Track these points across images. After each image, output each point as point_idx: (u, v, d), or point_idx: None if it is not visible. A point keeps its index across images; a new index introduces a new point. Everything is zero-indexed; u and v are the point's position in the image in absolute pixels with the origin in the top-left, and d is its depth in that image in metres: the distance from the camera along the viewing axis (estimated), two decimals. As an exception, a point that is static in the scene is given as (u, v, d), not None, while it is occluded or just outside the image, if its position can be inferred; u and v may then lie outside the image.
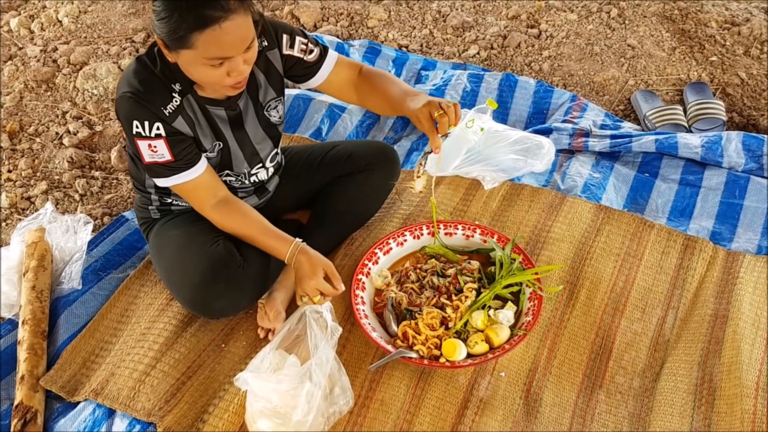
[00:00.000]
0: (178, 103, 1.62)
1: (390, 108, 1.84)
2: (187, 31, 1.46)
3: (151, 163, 1.65)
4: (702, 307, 1.83)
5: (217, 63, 1.51)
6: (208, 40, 1.47)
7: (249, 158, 1.81)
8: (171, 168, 1.66)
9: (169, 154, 1.63)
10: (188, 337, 1.82)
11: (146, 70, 1.61)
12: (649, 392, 1.68)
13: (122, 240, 2.13)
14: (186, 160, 1.67)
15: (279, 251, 1.72)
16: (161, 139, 1.61)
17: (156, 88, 1.60)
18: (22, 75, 2.87)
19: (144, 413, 1.65)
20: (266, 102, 1.78)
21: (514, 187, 2.17)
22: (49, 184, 2.41)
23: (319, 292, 1.66)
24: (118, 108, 1.62)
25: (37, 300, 1.89)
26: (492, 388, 1.68)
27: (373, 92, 1.85)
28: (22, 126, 2.66)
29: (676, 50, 2.84)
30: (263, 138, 1.81)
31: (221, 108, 1.70)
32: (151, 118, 1.59)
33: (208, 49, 1.48)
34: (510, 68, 2.83)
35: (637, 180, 2.21)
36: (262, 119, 1.79)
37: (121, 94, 1.60)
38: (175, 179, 1.69)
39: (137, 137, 1.61)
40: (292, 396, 1.53)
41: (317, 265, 1.67)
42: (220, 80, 1.55)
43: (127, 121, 1.61)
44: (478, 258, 1.93)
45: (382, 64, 2.78)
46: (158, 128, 1.60)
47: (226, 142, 1.75)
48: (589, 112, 2.47)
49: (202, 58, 1.49)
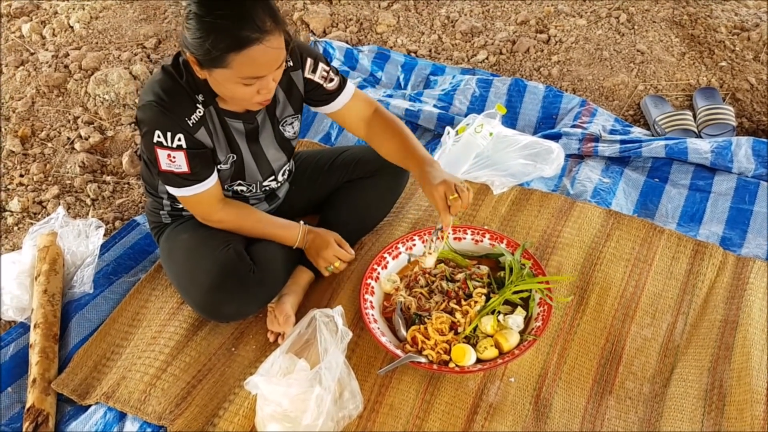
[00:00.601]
0: (201, 114, 1.64)
1: (399, 158, 1.85)
2: (223, 52, 1.47)
3: (166, 171, 1.67)
4: (712, 312, 1.82)
5: (250, 82, 1.53)
6: (244, 61, 1.48)
7: (262, 170, 1.83)
8: (186, 179, 1.68)
9: (186, 166, 1.65)
10: (198, 340, 1.83)
11: (172, 80, 1.62)
12: (659, 398, 1.68)
13: (133, 244, 2.14)
14: (201, 173, 1.69)
15: (288, 237, 1.87)
16: (182, 151, 1.63)
17: (181, 98, 1.62)
18: (33, 80, 2.89)
19: (155, 416, 1.66)
20: (283, 117, 1.80)
21: (524, 192, 2.17)
22: (61, 189, 2.43)
23: (338, 259, 1.87)
24: (142, 116, 1.63)
25: (49, 304, 1.91)
26: (501, 394, 1.68)
27: (386, 136, 1.86)
28: (34, 131, 2.68)
29: (685, 55, 2.84)
30: (277, 151, 1.83)
31: (240, 121, 1.72)
32: (174, 129, 1.61)
33: (243, 69, 1.50)
34: (519, 73, 2.83)
35: (647, 185, 2.21)
36: (277, 133, 1.81)
37: (146, 102, 1.61)
38: (187, 190, 1.71)
39: (157, 146, 1.63)
40: (302, 400, 1.54)
41: (328, 235, 1.89)
42: (250, 98, 1.58)
43: (149, 130, 1.62)
44: (487, 263, 1.93)
45: (391, 70, 2.79)
46: (180, 140, 1.62)
47: (240, 155, 1.77)
48: (599, 117, 2.47)
49: (236, 77, 1.51)
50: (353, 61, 2.83)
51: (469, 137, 2.24)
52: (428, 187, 1.72)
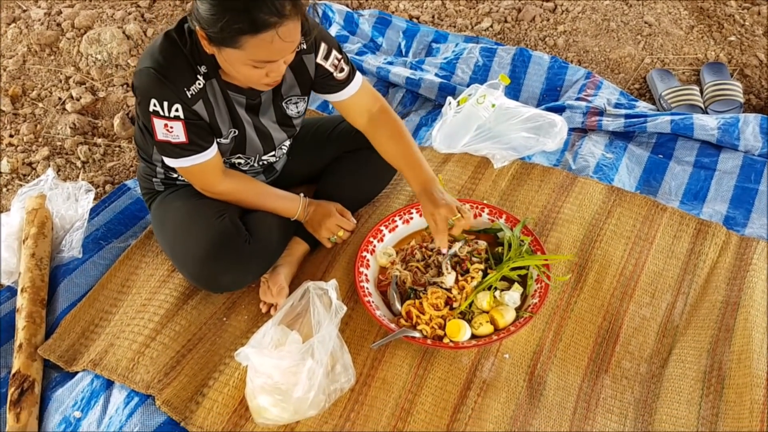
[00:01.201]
0: (201, 87, 1.57)
1: (399, 164, 1.80)
2: (237, 33, 1.40)
3: (163, 141, 1.60)
4: (713, 293, 1.79)
5: (261, 65, 1.46)
6: (259, 45, 1.42)
7: (263, 145, 1.77)
8: (184, 149, 1.62)
9: (184, 137, 1.59)
10: (189, 309, 1.80)
11: (174, 48, 1.54)
12: (656, 378, 1.65)
13: (124, 209, 2.09)
14: (199, 144, 1.63)
15: (289, 209, 1.84)
16: (179, 122, 1.56)
17: (181, 68, 1.54)
18: (25, 38, 2.81)
19: (143, 385, 1.63)
20: (288, 96, 1.74)
21: (525, 166, 2.12)
22: (51, 150, 2.37)
23: (341, 228, 1.86)
24: (139, 81, 1.56)
25: (37, 268, 1.87)
26: (495, 370, 1.65)
27: (389, 138, 1.80)
28: (25, 90, 2.61)
29: (694, 29, 2.77)
30: (278, 127, 1.78)
31: (243, 95, 1.66)
32: (171, 99, 1.54)
33: (256, 52, 1.43)
34: (524, 43, 2.76)
35: (650, 161, 2.16)
36: (279, 110, 1.75)
37: (144, 68, 1.53)
38: (185, 161, 1.65)
39: (154, 115, 1.56)
40: (294, 373, 1.51)
41: (329, 205, 1.88)
42: (258, 80, 1.52)
43: (145, 97, 1.55)
44: (485, 238, 1.89)
45: (392, 36, 2.72)
46: (177, 110, 1.55)
47: (242, 129, 1.71)
48: (604, 90, 2.41)
49: (247, 59, 1.45)
50: (353, 25, 2.75)
51: (471, 108, 2.19)
52: (429, 207, 1.69)
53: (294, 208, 1.84)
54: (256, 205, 1.82)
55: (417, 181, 1.74)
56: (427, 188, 1.71)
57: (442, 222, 1.68)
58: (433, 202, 1.69)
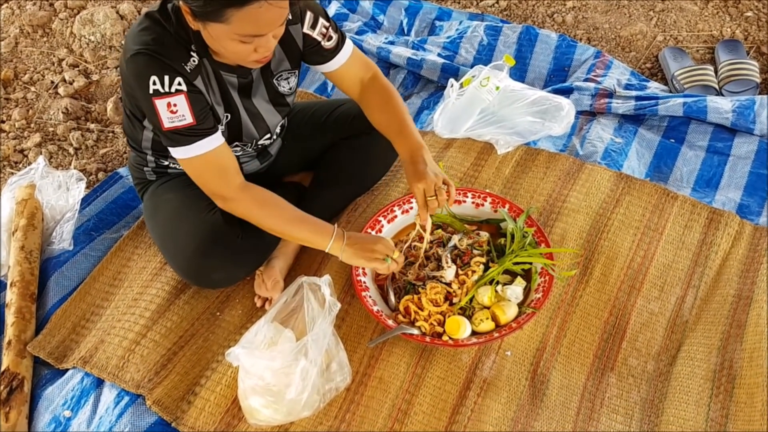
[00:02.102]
0: (196, 63, 1.49)
1: (389, 132, 1.71)
2: (223, 6, 1.33)
3: (171, 129, 1.48)
4: (725, 286, 1.72)
5: (248, 40, 1.39)
6: (246, 17, 1.34)
7: (258, 128, 1.70)
8: (193, 132, 1.50)
9: (190, 115, 1.47)
10: (181, 304, 1.75)
11: (159, 27, 1.46)
12: (663, 377, 1.59)
13: (116, 198, 2.04)
14: (206, 124, 1.52)
15: (319, 242, 1.62)
16: (182, 95, 1.46)
17: (172, 45, 1.46)
18: (18, 19, 2.74)
19: (133, 384, 1.59)
20: (278, 71, 1.66)
21: (529, 152, 2.04)
22: (43, 137, 2.31)
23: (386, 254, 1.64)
24: (130, 68, 1.45)
25: (26, 261, 1.82)
26: (497, 368, 1.60)
27: (380, 106, 1.73)
28: (17, 74, 2.55)
29: (709, 4, 2.65)
30: (271, 107, 1.70)
31: (234, 75, 1.58)
32: (171, 73, 1.44)
33: (243, 26, 1.36)
34: (531, 19, 2.65)
35: (661, 146, 2.07)
36: (270, 88, 1.67)
37: (133, 53, 1.44)
38: (196, 147, 1.52)
39: (155, 96, 1.45)
40: (286, 374, 1.46)
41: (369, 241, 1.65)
42: (246, 56, 1.44)
43: (142, 79, 1.44)
44: (487, 229, 1.82)
45: (393, 13, 2.62)
46: (179, 83, 1.45)
47: (236, 113, 1.63)
48: (614, 70, 2.31)
49: (233, 33, 1.37)
50: (353, 2, 2.66)
51: (474, 91, 2.10)
52: (411, 179, 1.62)
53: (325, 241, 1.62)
54: (279, 230, 1.63)
55: (405, 148, 1.66)
56: (414, 156, 1.63)
57: (420, 197, 1.60)
58: (417, 174, 1.60)
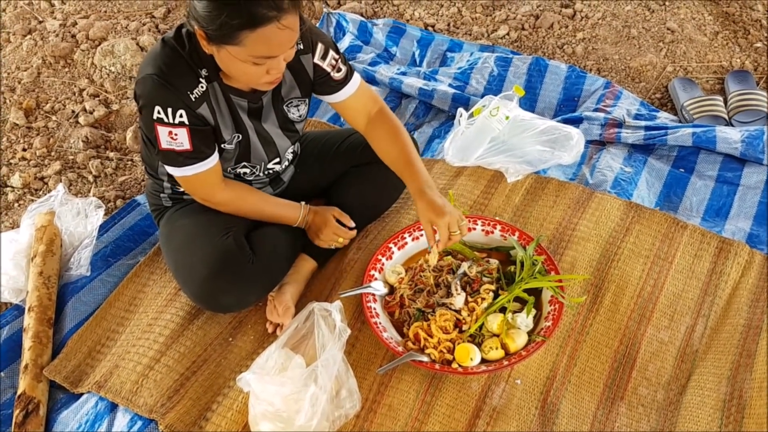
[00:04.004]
0: (204, 90, 1.56)
1: (396, 166, 1.75)
2: (236, 29, 1.39)
3: (167, 149, 1.58)
4: (734, 316, 1.72)
5: (260, 61, 1.45)
6: (258, 40, 1.40)
7: (267, 151, 1.75)
8: (187, 157, 1.60)
9: (188, 144, 1.57)
10: (195, 329, 1.77)
11: (174, 53, 1.53)
12: (673, 406, 1.59)
13: (133, 225, 2.08)
14: (203, 150, 1.60)
15: (290, 216, 1.84)
16: (184, 128, 1.55)
17: (183, 71, 1.53)
18: (40, 50, 2.82)
19: (146, 409, 1.61)
20: (288, 98, 1.71)
21: (539, 181, 2.06)
22: (63, 165, 2.37)
23: (339, 236, 1.85)
24: (141, 89, 1.54)
25: (44, 286, 1.86)
26: (506, 397, 1.60)
27: (387, 140, 1.77)
28: (39, 103, 2.62)
29: (718, 35, 2.68)
30: (281, 132, 1.75)
31: (244, 99, 1.64)
32: (176, 104, 1.52)
33: (256, 48, 1.42)
34: (541, 50, 2.70)
35: (671, 176, 2.09)
36: (281, 113, 1.72)
37: (146, 75, 1.52)
38: (188, 169, 1.63)
39: (158, 122, 1.54)
40: (296, 400, 1.48)
41: (326, 213, 1.85)
42: (258, 78, 1.50)
43: (149, 105, 1.54)
44: (497, 256, 1.84)
45: (406, 45, 2.67)
46: (182, 116, 1.53)
47: (246, 134, 1.68)
48: (623, 101, 2.34)
49: (247, 56, 1.43)
50: (367, 35, 2.71)
51: (485, 120, 2.14)
52: (429, 212, 1.62)
53: (295, 215, 1.84)
54: (256, 214, 1.81)
55: (413, 183, 1.69)
56: (423, 190, 1.65)
57: (444, 230, 1.61)
58: (434, 209, 1.62)
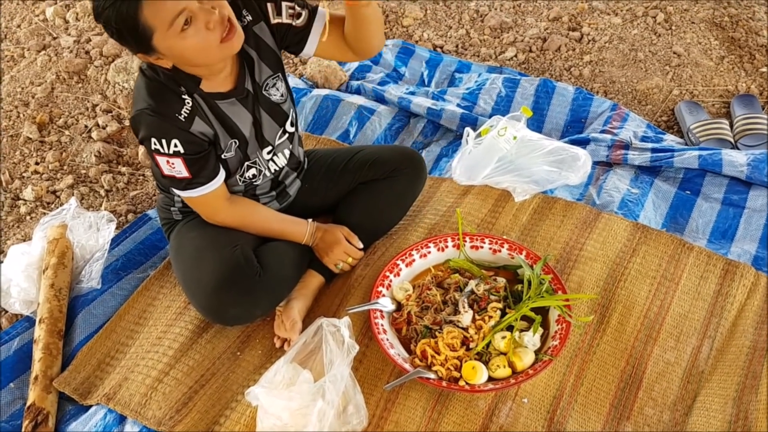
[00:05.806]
0: (190, 105, 1.59)
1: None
2: (132, 17, 1.39)
3: (169, 176, 1.64)
4: (740, 337, 1.73)
5: (183, 26, 1.42)
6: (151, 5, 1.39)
7: (259, 141, 1.75)
8: (189, 183, 1.65)
9: (186, 172, 1.62)
10: (203, 343, 1.79)
11: (152, 82, 1.58)
12: (679, 427, 1.59)
13: (144, 239, 2.10)
14: (204, 176, 1.65)
15: (296, 233, 1.85)
16: (179, 158, 1.59)
17: (165, 97, 1.57)
18: (54, 66, 2.86)
19: (154, 422, 1.62)
20: (263, 81, 1.71)
21: (546, 201, 2.08)
22: (76, 179, 2.40)
23: (348, 256, 1.86)
24: (136, 125, 1.60)
25: (56, 298, 1.88)
26: (513, 415, 1.61)
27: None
28: (52, 118, 2.65)
29: (724, 59, 2.71)
30: (269, 117, 1.75)
31: (230, 99, 1.65)
32: (169, 134, 1.57)
33: (158, 14, 1.40)
34: (548, 72, 2.73)
35: (677, 198, 2.10)
36: (265, 100, 1.72)
37: (137, 112, 1.58)
38: (192, 192, 1.68)
39: (156, 153, 1.60)
40: (303, 414, 1.49)
41: (336, 232, 1.86)
42: (208, 43, 1.46)
43: (146, 138, 1.59)
44: (504, 275, 1.85)
45: (415, 65, 2.71)
46: (176, 145, 1.58)
47: (241, 137, 1.71)
48: (630, 123, 2.36)
49: (166, 28, 1.41)
50: (376, 55, 2.75)
51: (492, 140, 2.16)
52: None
53: (302, 232, 1.85)
54: (263, 230, 1.83)
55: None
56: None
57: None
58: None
